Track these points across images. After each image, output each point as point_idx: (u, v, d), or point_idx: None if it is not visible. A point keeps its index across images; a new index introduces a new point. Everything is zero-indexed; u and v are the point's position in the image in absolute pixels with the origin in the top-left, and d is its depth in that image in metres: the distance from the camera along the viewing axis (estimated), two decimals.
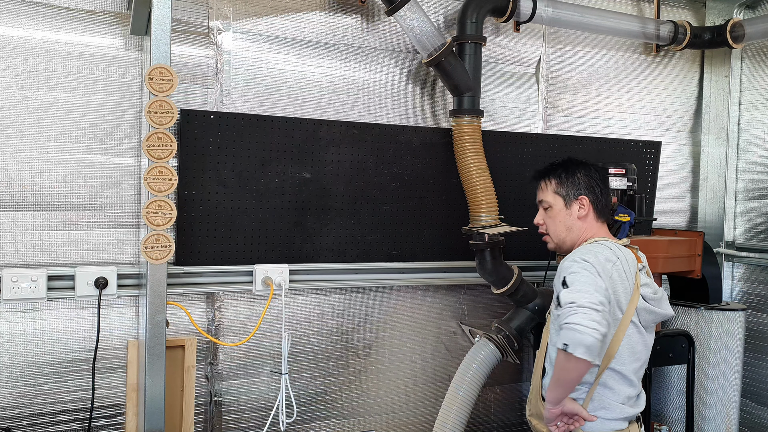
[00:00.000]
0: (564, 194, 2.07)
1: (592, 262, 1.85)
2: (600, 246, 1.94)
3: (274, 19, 2.45)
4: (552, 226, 2.10)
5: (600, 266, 1.85)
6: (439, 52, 2.43)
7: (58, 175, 2.17)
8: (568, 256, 1.95)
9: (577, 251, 1.95)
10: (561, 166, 2.11)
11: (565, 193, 2.07)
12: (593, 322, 1.70)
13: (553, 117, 2.98)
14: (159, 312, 1.82)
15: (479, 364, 2.41)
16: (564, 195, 2.07)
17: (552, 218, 2.09)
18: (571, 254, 1.95)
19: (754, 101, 3.25)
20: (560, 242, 2.10)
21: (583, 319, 1.70)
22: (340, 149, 2.49)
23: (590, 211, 2.06)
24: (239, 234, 2.36)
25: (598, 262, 1.86)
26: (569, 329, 1.72)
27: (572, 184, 2.07)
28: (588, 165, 2.11)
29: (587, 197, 2.06)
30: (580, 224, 2.06)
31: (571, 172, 2.08)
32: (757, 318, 3.18)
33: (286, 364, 2.31)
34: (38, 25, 2.14)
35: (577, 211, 2.05)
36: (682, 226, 3.33)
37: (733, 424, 2.76)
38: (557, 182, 2.08)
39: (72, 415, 2.22)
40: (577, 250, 1.96)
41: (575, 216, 2.05)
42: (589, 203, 2.05)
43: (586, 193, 2.06)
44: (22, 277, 2.09)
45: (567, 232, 2.07)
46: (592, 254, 1.88)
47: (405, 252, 2.63)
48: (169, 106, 1.81)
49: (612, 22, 2.89)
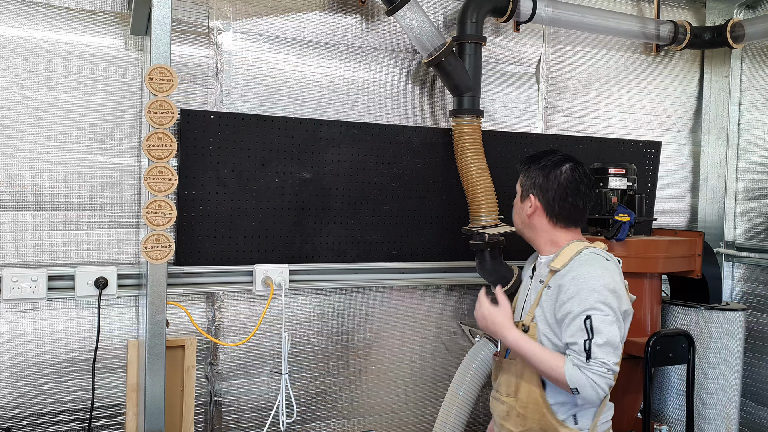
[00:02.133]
0: (522, 188, 2.00)
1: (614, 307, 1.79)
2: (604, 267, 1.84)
3: (274, 19, 2.45)
4: (513, 215, 2.06)
5: (617, 304, 1.81)
6: (439, 52, 2.43)
7: (58, 175, 2.17)
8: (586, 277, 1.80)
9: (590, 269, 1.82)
10: (535, 158, 2.00)
11: (521, 187, 2.00)
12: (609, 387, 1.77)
13: (553, 117, 2.98)
14: (159, 312, 1.82)
15: (479, 364, 2.41)
16: (522, 189, 2.00)
17: (514, 207, 2.06)
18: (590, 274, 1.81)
19: (754, 101, 3.25)
20: (519, 233, 2.05)
21: (605, 384, 1.74)
22: (340, 149, 2.49)
23: (539, 213, 1.94)
24: (239, 234, 2.36)
25: (617, 299, 1.81)
26: (591, 388, 1.73)
27: (528, 179, 1.98)
28: (566, 164, 1.96)
29: (537, 198, 1.94)
30: (534, 223, 1.97)
31: (536, 168, 1.97)
32: (757, 318, 3.18)
33: (286, 364, 2.31)
34: (38, 25, 2.14)
35: (528, 209, 1.97)
36: (682, 226, 3.33)
37: (733, 424, 2.76)
38: (522, 174, 2.01)
39: (72, 415, 2.22)
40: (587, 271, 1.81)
41: (526, 213, 1.98)
42: (537, 204, 1.94)
43: (537, 193, 1.94)
44: (22, 277, 2.09)
45: (523, 226, 2.02)
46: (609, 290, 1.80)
47: (405, 252, 2.63)
48: (169, 106, 1.81)
49: (612, 22, 2.89)
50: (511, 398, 1.95)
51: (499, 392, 2.02)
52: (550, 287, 1.89)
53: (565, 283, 1.83)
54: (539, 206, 1.95)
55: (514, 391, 1.94)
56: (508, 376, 1.97)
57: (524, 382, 1.92)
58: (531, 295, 1.98)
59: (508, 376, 1.97)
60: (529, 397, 1.91)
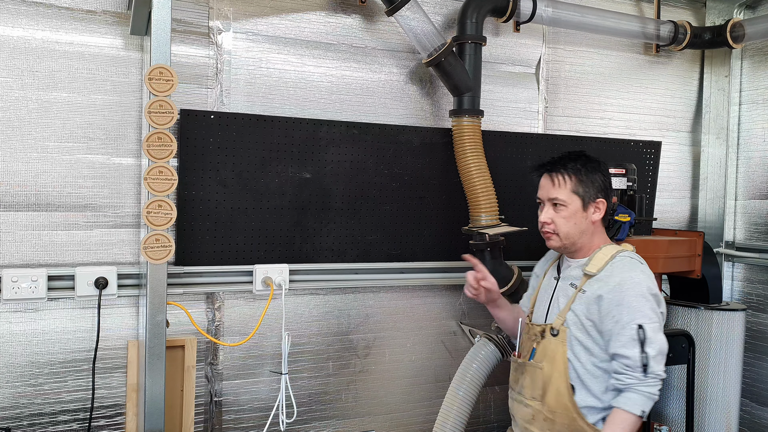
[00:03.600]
0: (583, 194, 1.91)
1: (657, 312, 1.85)
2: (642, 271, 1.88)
3: (274, 19, 2.45)
4: (564, 227, 1.92)
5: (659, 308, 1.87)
6: (439, 52, 2.43)
7: (58, 175, 2.17)
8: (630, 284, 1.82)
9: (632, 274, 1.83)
10: (578, 161, 1.94)
11: (584, 194, 1.91)
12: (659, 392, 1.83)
13: (553, 117, 2.98)
14: (159, 312, 1.82)
15: (479, 364, 2.41)
16: (583, 195, 1.91)
17: (565, 218, 1.92)
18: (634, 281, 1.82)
19: (754, 101, 3.25)
20: (570, 244, 1.95)
21: (658, 392, 1.80)
22: (340, 149, 2.49)
23: (604, 215, 1.96)
24: (239, 234, 2.36)
25: (658, 303, 1.87)
26: (650, 400, 1.79)
27: (591, 184, 1.92)
28: (602, 163, 1.99)
29: (605, 201, 1.94)
30: (593, 228, 1.95)
31: (591, 171, 1.93)
32: (757, 318, 3.18)
33: (286, 364, 2.31)
34: (38, 25, 2.14)
35: (592, 215, 1.93)
36: (682, 226, 3.33)
37: (733, 424, 2.76)
38: (577, 180, 1.91)
39: (72, 415, 2.22)
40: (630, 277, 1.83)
41: (590, 219, 1.93)
42: (605, 207, 1.95)
43: (604, 196, 1.94)
44: (22, 277, 2.09)
45: (580, 235, 1.93)
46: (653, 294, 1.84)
47: (405, 252, 2.62)
48: (169, 106, 1.81)
49: (612, 22, 2.88)
50: (537, 402, 1.93)
51: (522, 395, 1.98)
52: (585, 291, 1.88)
53: (609, 289, 1.83)
54: (603, 210, 1.95)
55: (541, 395, 1.92)
56: (533, 380, 1.95)
57: (552, 387, 1.90)
58: (559, 299, 1.96)
59: (533, 380, 1.95)
60: (557, 402, 1.89)
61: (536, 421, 1.93)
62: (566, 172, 1.93)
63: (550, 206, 1.95)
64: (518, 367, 2.04)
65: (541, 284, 2.11)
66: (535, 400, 1.94)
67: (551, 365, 1.90)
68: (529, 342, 2.02)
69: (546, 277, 2.10)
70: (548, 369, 1.91)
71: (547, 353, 1.93)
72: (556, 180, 1.94)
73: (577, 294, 1.90)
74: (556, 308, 1.97)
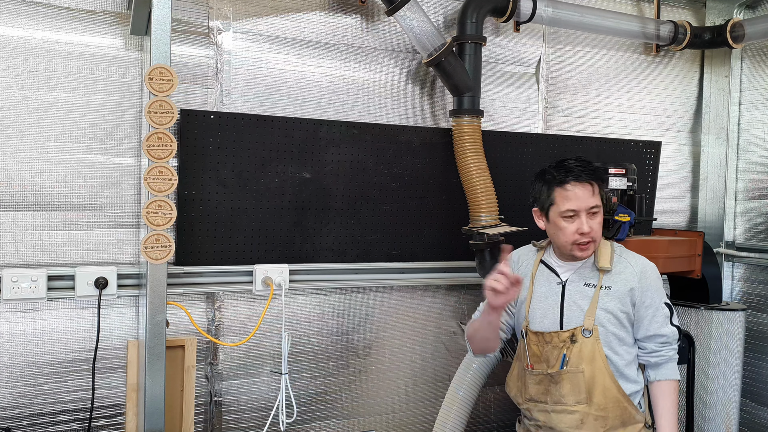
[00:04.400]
0: (603, 197, 2.00)
1: None
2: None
3: (274, 19, 2.45)
4: (599, 232, 1.96)
5: None
6: (439, 52, 2.43)
7: (58, 175, 2.17)
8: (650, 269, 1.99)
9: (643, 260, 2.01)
10: (590, 165, 1.97)
11: (603, 196, 2.00)
12: None
13: (553, 117, 2.98)
14: (159, 312, 1.82)
15: (479, 364, 2.41)
16: (603, 198, 2.00)
17: (599, 224, 1.96)
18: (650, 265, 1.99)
19: (754, 101, 3.25)
20: (595, 245, 1.99)
21: None
22: (340, 149, 2.49)
23: None
24: (239, 234, 2.36)
25: None
26: (676, 362, 1.99)
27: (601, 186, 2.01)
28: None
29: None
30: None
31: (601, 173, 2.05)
32: (757, 318, 3.18)
33: (286, 364, 2.31)
34: (38, 25, 2.14)
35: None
36: (682, 226, 3.33)
37: (733, 424, 2.76)
38: (599, 184, 1.97)
39: (72, 415, 2.22)
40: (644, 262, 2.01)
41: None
42: None
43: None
44: (22, 277, 2.09)
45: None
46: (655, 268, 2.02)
47: (405, 252, 2.63)
48: (169, 106, 1.81)
49: (612, 22, 2.89)
50: (583, 405, 1.94)
51: (563, 403, 1.96)
52: (609, 287, 1.95)
53: (636, 279, 1.96)
54: None
55: (586, 397, 1.93)
56: (574, 385, 1.94)
57: (598, 386, 1.93)
58: (577, 301, 1.97)
59: (574, 385, 1.94)
60: (607, 398, 1.93)
61: (586, 423, 1.94)
62: (592, 178, 1.94)
63: (585, 215, 1.93)
64: (544, 378, 1.98)
65: (532, 292, 2.05)
66: (581, 404, 1.94)
67: (591, 366, 1.93)
68: (553, 350, 1.97)
69: (538, 284, 2.05)
70: (589, 370, 1.93)
71: (583, 355, 1.93)
72: (590, 188, 1.94)
73: (599, 291, 1.95)
74: (577, 310, 1.96)
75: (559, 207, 1.93)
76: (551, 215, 1.96)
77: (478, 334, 2.03)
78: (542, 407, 2.00)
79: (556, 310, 2.00)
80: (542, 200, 1.99)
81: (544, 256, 2.09)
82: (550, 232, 2.01)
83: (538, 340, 2.01)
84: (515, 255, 2.14)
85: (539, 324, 2.01)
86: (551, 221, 1.98)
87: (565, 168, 1.94)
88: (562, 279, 2.02)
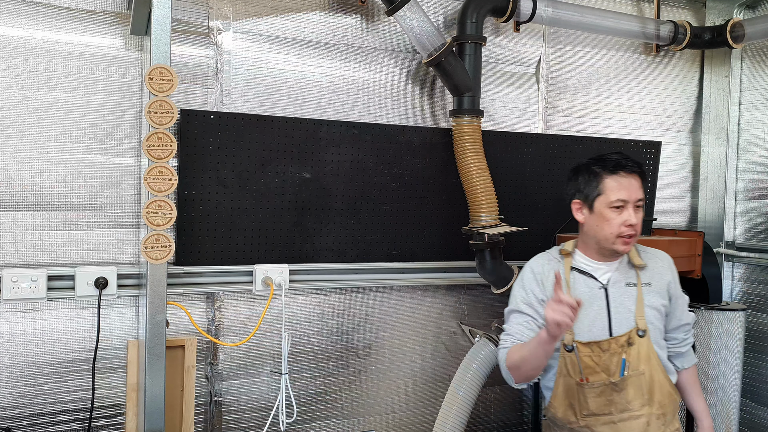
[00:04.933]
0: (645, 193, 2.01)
1: None
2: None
3: (274, 19, 2.45)
4: (640, 228, 1.92)
5: None
6: (439, 52, 2.43)
7: (58, 175, 2.17)
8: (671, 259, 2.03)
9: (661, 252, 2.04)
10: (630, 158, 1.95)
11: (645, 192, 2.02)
12: None
13: (553, 117, 2.98)
14: (159, 312, 1.82)
15: (479, 364, 2.41)
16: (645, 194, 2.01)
17: (641, 219, 1.92)
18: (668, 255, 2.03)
19: (754, 101, 3.25)
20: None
21: None
22: (340, 149, 2.49)
23: None
24: (239, 234, 2.36)
25: None
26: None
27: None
28: None
29: None
30: None
31: None
32: (757, 318, 3.18)
33: (286, 364, 2.31)
34: (38, 25, 2.14)
35: None
36: (682, 226, 3.33)
37: (733, 424, 2.76)
38: (645, 180, 1.97)
39: (72, 415, 2.22)
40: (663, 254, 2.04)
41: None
42: None
43: None
44: (22, 277, 2.09)
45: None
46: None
47: (405, 252, 2.63)
48: (169, 106, 1.81)
49: (612, 22, 2.88)
50: (647, 407, 1.91)
51: (629, 410, 1.90)
52: (650, 284, 1.97)
53: (669, 272, 2.01)
54: None
55: (648, 398, 1.91)
56: (637, 388, 1.90)
57: (656, 384, 1.92)
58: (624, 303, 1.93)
59: (637, 388, 1.90)
60: (663, 394, 1.94)
61: (651, 425, 1.90)
62: (639, 171, 1.94)
63: (632, 208, 1.90)
64: (606, 388, 1.90)
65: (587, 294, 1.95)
66: (645, 406, 1.91)
67: (648, 365, 1.91)
68: (612, 357, 1.90)
69: (577, 293, 1.93)
70: (648, 370, 1.91)
71: (641, 356, 1.91)
72: (638, 180, 1.92)
73: (641, 289, 1.95)
74: (625, 312, 1.93)
75: (608, 197, 1.88)
76: (597, 206, 1.90)
77: (527, 364, 1.86)
78: (606, 419, 1.90)
79: (603, 315, 1.93)
80: (587, 191, 1.92)
81: (573, 262, 1.99)
82: (593, 224, 1.93)
83: (592, 350, 1.90)
84: (537, 268, 2.02)
85: (587, 333, 1.92)
86: (596, 212, 1.91)
87: (613, 159, 1.91)
88: (602, 281, 1.96)
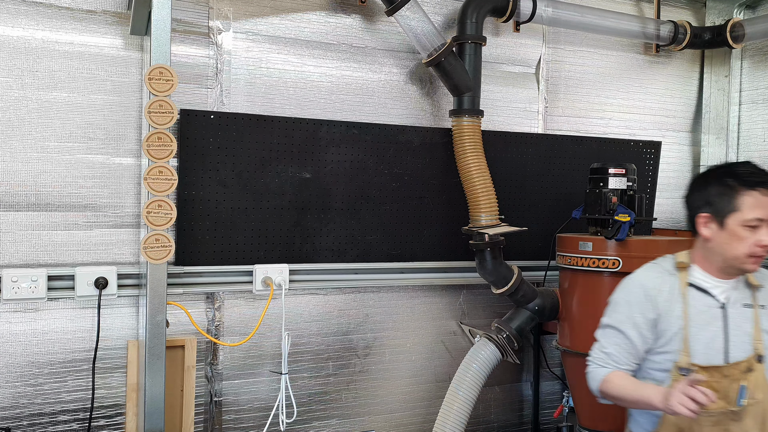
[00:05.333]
0: None
1: None
2: None
3: (274, 19, 2.45)
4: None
5: None
6: (439, 52, 2.43)
7: (58, 175, 2.17)
8: None
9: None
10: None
11: None
12: None
13: (553, 117, 2.98)
14: (159, 312, 1.82)
15: (479, 364, 2.41)
16: None
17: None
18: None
19: (754, 101, 3.25)
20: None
21: None
22: (340, 149, 2.49)
23: None
24: (239, 234, 2.36)
25: None
26: None
27: None
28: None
29: None
30: None
31: None
32: None
33: (286, 364, 2.31)
34: (38, 25, 2.14)
35: None
36: (682, 226, 3.33)
37: None
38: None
39: (72, 415, 2.22)
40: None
41: None
42: None
43: None
44: (22, 277, 2.09)
45: None
46: None
47: (405, 252, 2.62)
48: (169, 106, 1.81)
49: (612, 22, 2.89)
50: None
51: None
52: (763, 305, 1.81)
53: None
54: None
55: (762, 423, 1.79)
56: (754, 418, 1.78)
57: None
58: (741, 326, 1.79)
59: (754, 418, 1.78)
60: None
61: None
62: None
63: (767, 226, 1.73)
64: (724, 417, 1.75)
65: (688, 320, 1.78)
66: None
67: (764, 393, 1.78)
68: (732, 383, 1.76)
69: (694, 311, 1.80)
70: (764, 397, 1.78)
71: (759, 384, 1.78)
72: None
73: (758, 311, 1.81)
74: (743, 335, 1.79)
75: (744, 215, 1.71)
76: (730, 223, 1.73)
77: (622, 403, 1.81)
78: None
79: (719, 337, 1.78)
80: (720, 205, 1.74)
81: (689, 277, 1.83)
82: (721, 241, 1.75)
83: (711, 376, 1.73)
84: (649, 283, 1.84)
85: (703, 357, 1.76)
86: (728, 229, 1.73)
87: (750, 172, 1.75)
88: (721, 300, 1.80)
